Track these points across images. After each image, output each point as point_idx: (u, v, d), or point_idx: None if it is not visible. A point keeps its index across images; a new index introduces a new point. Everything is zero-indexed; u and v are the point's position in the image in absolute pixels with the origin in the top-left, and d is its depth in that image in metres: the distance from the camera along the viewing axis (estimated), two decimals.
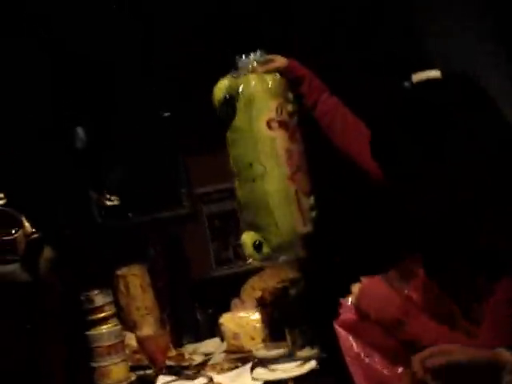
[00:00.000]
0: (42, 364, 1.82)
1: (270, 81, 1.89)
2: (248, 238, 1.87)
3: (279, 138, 1.84)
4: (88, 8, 2.76)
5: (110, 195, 2.91)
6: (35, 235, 1.90)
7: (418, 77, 1.99)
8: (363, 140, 1.54)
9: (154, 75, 3.01)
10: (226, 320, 2.23)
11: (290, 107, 1.91)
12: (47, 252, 1.96)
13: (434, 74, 2.01)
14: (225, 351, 2.19)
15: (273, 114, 1.85)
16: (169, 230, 2.80)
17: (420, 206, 1.40)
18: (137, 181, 3.07)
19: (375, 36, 2.66)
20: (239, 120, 1.89)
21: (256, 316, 2.17)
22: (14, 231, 1.86)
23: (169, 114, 3.18)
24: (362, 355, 1.61)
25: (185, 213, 2.88)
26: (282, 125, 1.86)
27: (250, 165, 1.86)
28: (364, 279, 1.60)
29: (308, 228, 1.85)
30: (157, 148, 3.04)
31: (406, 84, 1.98)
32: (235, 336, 2.15)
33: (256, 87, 1.88)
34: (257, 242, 1.85)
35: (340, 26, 2.73)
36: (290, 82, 1.94)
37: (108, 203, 2.87)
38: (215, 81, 2.57)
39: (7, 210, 1.87)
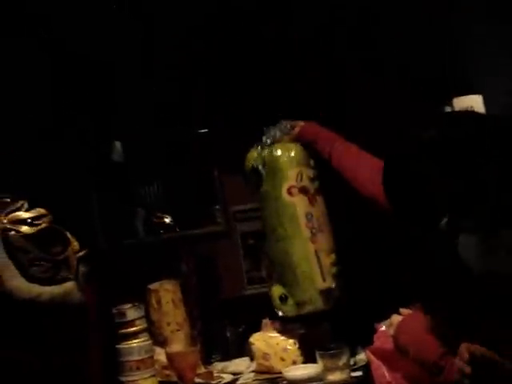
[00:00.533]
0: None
1: (292, 150, 2.10)
2: (276, 291, 2.12)
3: (299, 203, 2.06)
4: (89, 8, 2.77)
5: (162, 213, 2.94)
6: (83, 252, 1.90)
7: (459, 102, 1.98)
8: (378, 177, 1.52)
9: (190, 91, 3.03)
10: (257, 339, 2.21)
11: (311, 173, 2.10)
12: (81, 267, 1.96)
13: (476, 99, 2.00)
14: (254, 371, 2.18)
15: (293, 182, 2.07)
16: (202, 247, 2.81)
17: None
18: (171, 197, 3.09)
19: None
20: (265, 187, 2.12)
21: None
22: (63, 248, 1.86)
23: (206, 130, 3.20)
24: None
25: (218, 230, 2.88)
26: (302, 191, 2.06)
27: (275, 228, 2.10)
28: (404, 312, 1.56)
29: (327, 283, 2.05)
30: (192, 165, 3.06)
31: (447, 109, 1.95)
32: (265, 356, 2.13)
33: (278, 158, 2.10)
34: (283, 296, 2.09)
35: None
36: (306, 143, 2.10)
37: (156, 220, 2.89)
38: (252, 96, 2.60)
39: (54, 227, 1.87)
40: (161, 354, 2.15)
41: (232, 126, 2.87)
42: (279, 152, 2.11)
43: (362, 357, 2.05)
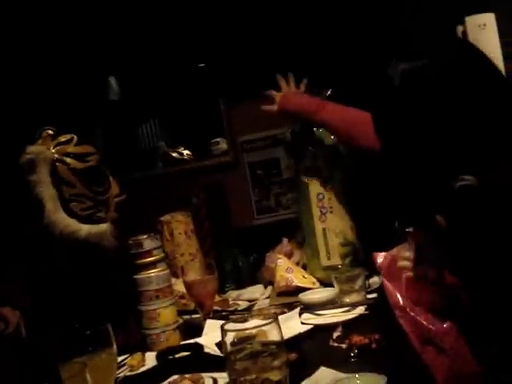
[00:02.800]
0: None
1: (309, 131, 2.18)
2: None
3: (312, 183, 2.19)
4: None
5: (184, 149, 2.91)
6: (122, 197, 1.90)
7: (471, 21, 1.95)
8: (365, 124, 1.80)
9: (192, 25, 2.96)
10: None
11: (328, 153, 2.18)
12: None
13: (489, 17, 1.97)
14: (272, 288, 2.22)
15: (308, 163, 2.20)
16: (211, 179, 2.81)
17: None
18: (178, 131, 3.07)
19: None
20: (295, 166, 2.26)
21: None
22: (105, 190, 1.85)
23: (204, 64, 3.14)
24: (408, 309, 1.61)
25: (226, 161, 2.88)
26: (316, 172, 2.18)
27: (297, 201, 2.30)
28: None
29: (332, 261, 2.18)
30: (198, 97, 3.03)
31: (460, 28, 1.93)
32: (288, 269, 2.19)
33: (296, 139, 2.23)
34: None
35: None
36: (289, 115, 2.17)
37: (175, 155, 2.88)
38: (255, 27, 2.53)
39: (101, 167, 1.85)
40: (176, 285, 2.18)
41: (237, 58, 2.82)
42: (299, 132, 2.23)
43: (376, 279, 2.08)
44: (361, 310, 1.83)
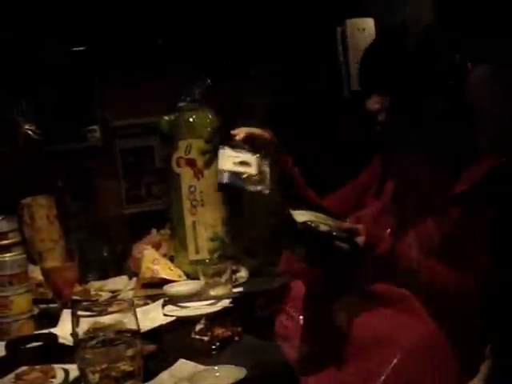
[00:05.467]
0: None
1: (184, 121, 2.12)
2: None
3: (184, 174, 2.12)
4: None
5: (31, 125, 2.76)
6: None
7: (352, 23, 2.00)
8: None
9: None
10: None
11: (202, 145, 2.11)
12: None
13: (368, 22, 2.02)
14: (136, 279, 2.16)
15: (181, 153, 2.11)
16: (80, 163, 2.70)
17: None
18: (48, 112, 2.92)
19: None
20: (166, 151, 2.18)
21: None
22: None
23: (83, 48, 3.02)
24: None
25: (97, 146, 2.77)
26: (189, 163, 2.11)
27: (167, 191, 2.22)
28: None
29: (200, 255, 2.12)
30: (72, 80, 2.89)
31: (339, 30, 1.97)
32: (155, 261, 2.13)
33: (173, 126, 2.14)
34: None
35: None
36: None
37: (25, 131, 2.72)
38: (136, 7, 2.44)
39: None
40: (34, 272, 2.06)
41: (114, 42, 2.74)
42: (174, 120, 2.14)
43: (242, 274, 2.09)
44: (225, 303, 1.81)
